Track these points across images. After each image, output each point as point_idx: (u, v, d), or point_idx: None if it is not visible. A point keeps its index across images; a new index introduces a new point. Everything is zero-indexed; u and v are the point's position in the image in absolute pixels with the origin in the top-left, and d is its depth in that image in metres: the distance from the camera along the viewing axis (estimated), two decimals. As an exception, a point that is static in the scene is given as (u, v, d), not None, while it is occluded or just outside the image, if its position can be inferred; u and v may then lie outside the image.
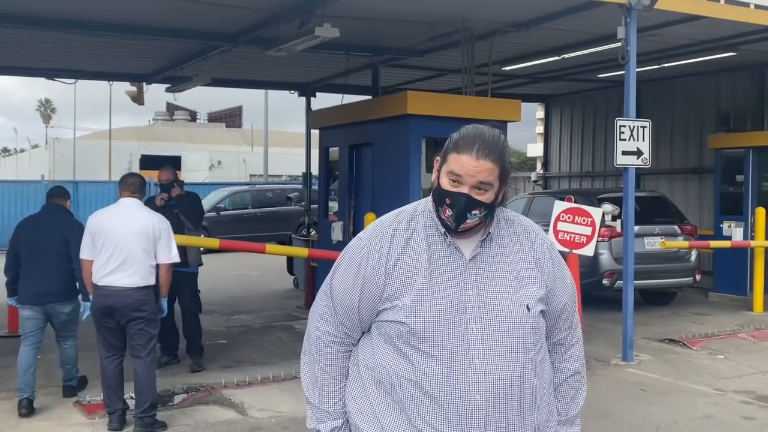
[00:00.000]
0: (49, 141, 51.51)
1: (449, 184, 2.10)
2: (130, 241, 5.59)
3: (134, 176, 6.05)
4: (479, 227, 2.17)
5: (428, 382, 2.07)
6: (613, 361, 8.02)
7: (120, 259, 5.58)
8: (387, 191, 8.89)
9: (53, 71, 12.71)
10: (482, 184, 2.08)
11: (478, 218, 2.11)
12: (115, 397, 5.76)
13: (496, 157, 2.08)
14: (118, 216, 5.73)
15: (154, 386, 5.77)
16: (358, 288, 2.17)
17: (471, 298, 2.10)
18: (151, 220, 5.76)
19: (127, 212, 5.74)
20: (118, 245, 5.58)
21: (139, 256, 5.61)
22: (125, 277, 5.58)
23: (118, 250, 5.58)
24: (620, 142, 8.02)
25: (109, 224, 5.66)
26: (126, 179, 5.97)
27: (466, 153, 2.07)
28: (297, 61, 11.56)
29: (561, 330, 2.28)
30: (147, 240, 5.64)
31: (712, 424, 6.03)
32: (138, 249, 5.60)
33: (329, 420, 2.24)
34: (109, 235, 5.60)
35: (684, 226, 11.33)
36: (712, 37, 10.55)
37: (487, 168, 2.07)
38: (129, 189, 5.86)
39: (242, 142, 54.21)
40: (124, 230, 5.62)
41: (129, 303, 5.59)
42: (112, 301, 5.59)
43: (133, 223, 5.66)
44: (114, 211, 5.84)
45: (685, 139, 14.39)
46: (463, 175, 2.07)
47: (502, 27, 9.66)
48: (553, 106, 17.69)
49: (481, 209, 2.09)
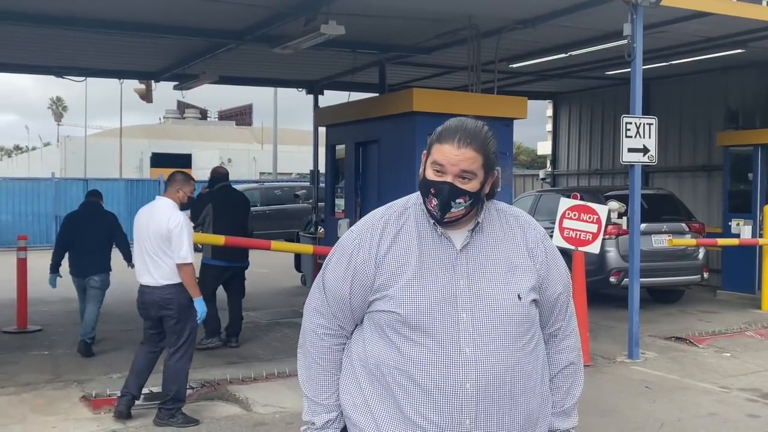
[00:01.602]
0: (61, 139, 51.78)
1: (433, 174, 2.13)
2: (149, 239, 5.73)
3: (174, 174, 6.17)
4: (468, 218, 2.18)
5: (418, 371, 2.08)
6: (618, 359, 8.01)
7: (144, 258, 5.77)
8: (393, 188, 8.89)
9: (63, 69, 12.78)
10: (465, 172, 2.10)
11: (464, 207, 2.12)
12: (131, 381, 5.87)
13: (478, 146, 2.11)
14: (146, 215, 5.89)
15: (177, 381, 5.78)
16: (349, 279, 2.20)
17: (462, 288, 2.11)
18: (164, 218, 5.75)
19: (153, 211, 5.88)
20: (143, 244, 5.77)
21: (157, 255, 5.72)
22: (148, 274, 5.76)
23: (144, 250, 5.76)
24: (626, 139, 8.01)
25: (138, 223, 5.89)
26: (168, 178, 6.15)
27: (447, 142, 2.11)
28: (304, 58, 11.59)
29: (556, 320, 2.28)
30: (162, 239, 5.72)
31: (717, 421, 6.02)
32: (155, 247, 5.71)
33: (323, 413, 2.26)
34: (138, 234, 5.84)
35: (692, 224, 11.30)
36: (720, 34, 10.50)
37: (469, 156, 2.09)
38: (168, 186, 6.07)
39: (252, 140, 54.35)
40: (146, 229, 5.78)
41: (155, 300, 5.75)
42: (144, 298, 5.84)
43: (152, 221, 5.78)
44: (144, 210, 6.00)
45: (693, 136, 14.33)
46: (446, 164, 2.10)
47: (508, 24, 9.65)
48: (561, 103, 17.64)
49: (465, 198, 2.11)
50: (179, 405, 5.82)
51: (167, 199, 5.95)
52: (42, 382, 6.93)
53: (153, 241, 5.72)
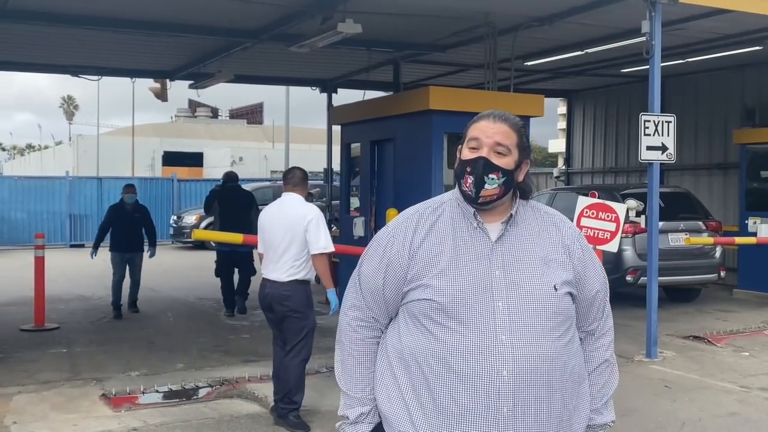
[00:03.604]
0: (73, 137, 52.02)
1: (469, 153, 2.20)
2: (279, 236, 5.71)
3: (294, 170, 6.05)
4: (503, 208, 2.21)
5: (455, 357, 2.09)
6: (636, 358, 7.96)
7: (272, 254, 5.76)
8: (409, 187, 8.89)
9: (78, 68, 12.85)
10: (499, 146, 2.17)
11: (497, 185, 2.15)
12: (277, 387, 5.81)
13: (512, 124, 2.20)
14: (275, 212, 5.86)
15: (292, 380, 5.70)
16: (382, 270, 2.23)
17: (497, 278, 2.13)
18: (300, 212, 5.74)
19: (283, 208, 5.85)
20: (272, 241, 5.76)
21: (286, 251, 5.70)
22: (275, 270, 5.74)
23: (273, 246, 5.75)
24: (644, 137, 7.95)
25: (269, 221, 5.84)
26: (287, 174, 6.07)
27: (483, 120, 2.21)
28: (319, 57, 11.59)
29: (594, 318, 2.31)
30: (295, 233, 5.68)
31: (738, 421, 5.98)
32: (284, 244, 5.69)
33: (357, 406, 2.27)
34: (268, 231, 5.81)
35: (708, 222, 11.23)
36: (738, 31, 10.43)
37: (503, 130, 2.18)
38: (290, 183, 5.93)
39: (263, 138, 54.38)
40: (277, 226, 5.76)
41: (275, 297, 5.73)
42: (268, 293, 5.77)
43: (285, 217, 5.75)
44: (273, 208, 5.93)
45: (709, 134, 14.25)
46: (481, 137, 2.18)
47: (524, 22, 9.61)
48: (575, 101, 17.57)
49: (498, 174, 2.15)
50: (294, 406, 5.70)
51: (293, 195, 5.89)
52: (61, 380, 6.95)
53: (280, 238, 5.70)
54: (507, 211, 2.22)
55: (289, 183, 5.91)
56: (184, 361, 7.77)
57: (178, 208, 23.33)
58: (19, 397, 6.40)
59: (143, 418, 5.90)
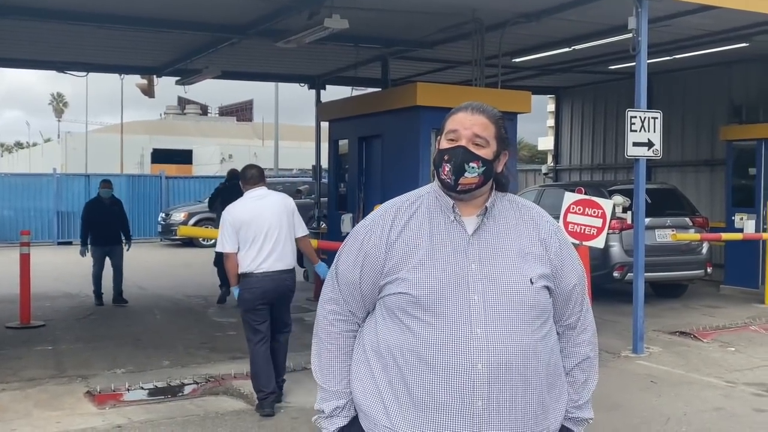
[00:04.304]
0: (62, 135, 51.74)
1: (447, 143, 2.19)
2: (274, 228, 5.90)
3: (253, 168, 6.27)
4: (481, 197, 2.21)
5: (430, 351, 2.08)
6: (623, 353, 7.99)
7: (267, 246, 5.86)
8: (396, 183, 8.88)
9: (64, 64, 12.77)
10: (478, 137, 2.17)
11: (477, 174, 2.15)
12: (267, 381, 5.90)
13: (489, 115, 2.20)
14: (257, 207, 5.96)
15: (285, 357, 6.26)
16: (359, 264, 2.22)
17: (473, 271, 2.12)
18: (282, 201, 6.10)
19: (264, 201, 6.02)
20: (264, 234, 5.86)
21: (285, 240, 5.96)
22: (279, 260, 5.90)
23: (267, 239, 5.86)
24: (631, 133, 7.97)
25: (250, 216, 5.89)
26: (246, 172, 6.22)
27: (461, 112, 2.21)
28: (307, 53, 11.57)
29: (572, 313, 2.29)
30: (286, 222, 5.98)
31: (723, 416, 6.00)
32: (283, 233, 5.95)
33: (333, 399, 2.27)
34: (256, 226, 5.86)
35: (695, 219, 11.27)
36: (725, 28, 10.47)
37: (481, 122, 2.18)
38: (252, 179, 6.14)
39: (253, 135, 54.23)
40: (266, 218, 5.90)
41: (285, 286, 5.99)
42: (273, 285, 5.90)
43: (273, 209, 5.98)
44: (250, 203, 6.02)
45: (696, 131, 14.31)
46: (459, 129, 2.17)
47: (512, 18, 9.62)
48: (563, 98, 17.61)
49: (478, 163, 2.15)
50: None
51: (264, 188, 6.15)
52: (46, 378, 6.91)
53: (277, 227, 5.91)
54: (484, 203, 2.21)
55: (252, 179, 6.13)
56: (170, 358, 7.74)
57: (167, 206, 23.25)
58: (2, 395, 6.36)
59: (128, 415, 5.87)
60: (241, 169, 6.51)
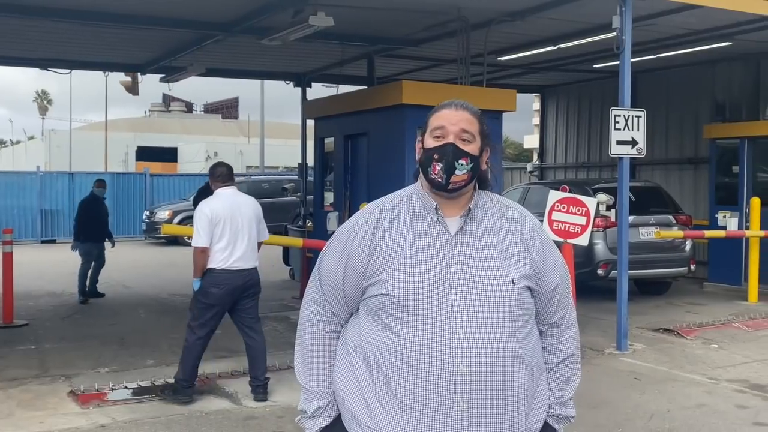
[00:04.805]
0: (46, 132, 51.33)
1: (434, 141, 2.19)
2: (246, 226, 6.09)
3: (223, 166, 6.36)
4: (465, 195, 2.21)
5: (412, 352, 2.09)
6: (607, 351, 8.03)
7: (239, 244, 6.03)
8: (382, 181, 8.87)
9: (47, 61, 12.67)
10: (465, 132, 2.18)
11: (467, 171, 2.16)
12: (193, 373, 6.15)
13: (473, 112, 2.23)
14: (232, 204, 6.10)
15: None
16: (342, 265, 2.22)
17: (456, 272, 2.13)
18: (252, 203, 6.32)
19: (236, 199, 6.19)
20: (242, 231, 6.05)
21: (252, 239, 6.15)
22: (247, 259, 6.11)
23: (240, 236, 6.04)
24: (615, 131, 8.02)
25: (225, 213, 6.01)
26: (216, 171, 6.29)
27: (445, 108, 2.22)
28: (292, 50, 11.53)
29: (556, 311, 2.29)
30: (255, 222, 6.19)
31: (706, 412, 6.05)
32: (253, 233, 6.16)
33: (315, 399, 2.27)
34: (232, 223, 6.01)
35: (679, 216, 11.34)
36: (708, 27, 10.53)
37: (467, 118, 2.20)
38: (222, 178, 6.23)
39: (238, 133, 54.05)
40: (239, 216, 6.06)
41: (251, 283, 6.18)
42: (242, 282, 6.09)
43: (246, 207, 6.18)
44: (223, 201, 6.11)
45: (680, 129, 14.39)
46: (446, 125, 2.18)
47: (497, 16, 9.64)
48: (548, 96, 17.67)
49: (467, 159, 2.16)
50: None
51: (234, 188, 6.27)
52: (29, 377, 6.87)
53: (248, 227, 6.09)
54: (467, 204, 2.22)
55: (222, 177, 6.21)
56: (155, 357, 7.71)
57: (151, 204, 23.13)
58: (-16, 395, 6.31)
59: (112, 415, 5.84)
60: (210, 167, 6.55)
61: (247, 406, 6.11)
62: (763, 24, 10.11)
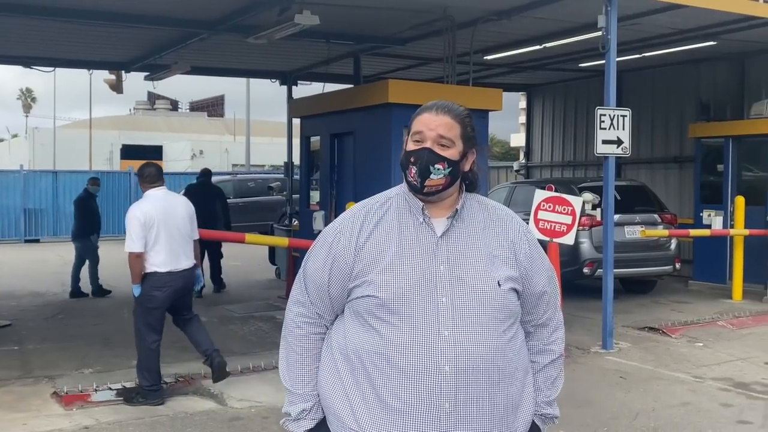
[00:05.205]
0: (29, 130, 50.91)
1: (413, 145, 2.18)
2: (184, 227, 6.16)
3: (152, 166, 6.31)
4: (449, 201, 2.20)
5: (397, 354, 2.08)
6: (593, 349, 8.05)
7: (176, 246, 6.05)
8: (368, 180, 8.85)
9: (31, 59, 12.56)
10: (443, 138, 2.15)
11: (443, 176, 2.14)
12: (158, 376, 6.17)
13: (455, 115, 2.19)
14: (168, 206, 6.11)
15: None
16: (328, 266, 2.21)
17: (441, 273, 2.12)
18: (186, 202, 6.37)
19: (171, 200, 6.22)
20: (179, 232, 6.09)
21: (189, 240, 6.21)
22: (186, 259, 6.15)
23: (178, 238, 6.08)
24: (600, 131, 8.03)
25: (163, 216, 6.00)
26: (143, 171, 6.25)
27: (426, 112, 2.20)
28: (278, 49, 11.49)
29: (543, 312, 2.29)
30: (191, 220, 6.26)
31: (690, 411, 6.07)
32: (189, 233, 6.22)
33: (299, 402, 2.25)
34: (167, 225, 6.01)
35: (664, 215, 11.39)
36: (693, 27, 10.58)
37: (446, 122, 2.17)
38: (151, 178, 6.19)
39: (224, 131, 53.85)
40: (176, 218, 6.10)
41: (191, 281, 6.27)
42: (183, 282, 6.14)
43: (182, 209, 6.22)
44: (158, 203, 6.08)
45: (665, 128, 14.46)
46: (424, 129, 2.16)
47: (483, 15, 9.63)
48: (534, 95, 17.70)
49: (444, 164, 2.14)
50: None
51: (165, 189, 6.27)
52: (11, 379, 6.80)
53: (184, 227, 6.16)
54: (454, 205, 2.21)
55: (150, 177, 6.19)
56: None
57: (136, 202, 22.96)
58: (-34, 397, 6.24)
59: (96, 416, 5.79)
60: (138, 167, 6.51)
61: (232, 406, 6.08)
62: (747, 24, 10.17)
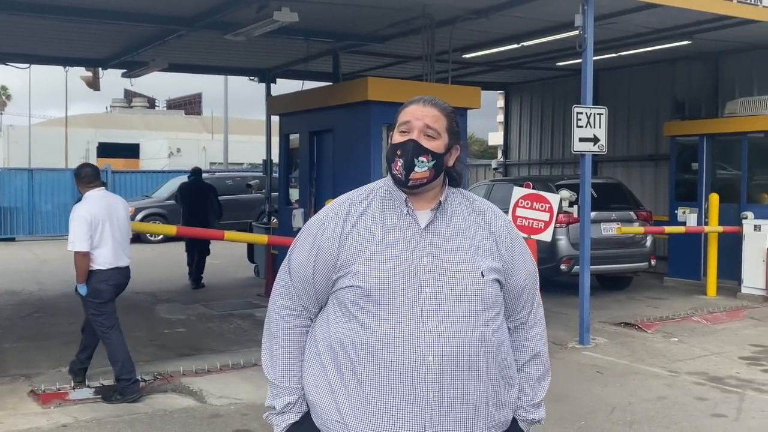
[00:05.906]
0: (4, 128, 50.24)
1: (399, 137, 2.22)
2: (125, 227, 6.34)
3: (88, 167, 6.47)
4: (433, 193, 2.23)
5: (381, 344, 2.09)
6: (570, 345, 8.14)
7: (118, 244, 6.21)
8: (348, 178, 8.86)
9: (6, 55, 12.42)
10: (429, 129, 2.19)
11: (427, 168, 2.17)
12: (133, 367, 6.21)
13: (441, 108, 2.24)
14: (109, 206, 6.23)
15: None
16: (312, 257, 2.21)
17: (425, 264, 2.14)
18: (124, 202, 6.51)
19: (111, 200, 6.34)
20: (120, 231, 6.24)
21: (128, 237, 6.42)
22: (126, 257, 6.34)
23: (121, 236, 6.25)
24: (577, 128, 8.11)
25: (107, 215, 6.14)
26: (80, 172, 6.36)
27: (413, 104, 2.25)
28: (256, 46, 11.45)
29: (524, 307, 2.30)
30: (127, 221, 6.44)
31: (666, 405, 6.16)
32: (127, 230, 6.41)
33: (284, 395, 2.24)
34: (111, 224, 6.15)
35: (640, 212, 11.52)
36: (668, 26, 10.71)
37: (433, 114, 2.21)
38: (88, 179, 6.30)
39: (202, 129, 53.52)
40: (117, 218, 6.24)
41: (128, 279, 6.41)
42: (124, 279, 6.33)
43: (123, 209, 6.41)
44: (102, 202, 6.21)
45: (641, 126, 14.61)
46: (411, 120, 2.21)
47: (462, 14, 9.68)
48: (512, 94, 17.80)
49: (428, 157, 2.17)
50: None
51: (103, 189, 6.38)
52: (-13, 377, 6.74)
53: (126, 226, 6.35)
54: (437, 197, 2.23)
55: (87, 178, 6.30)
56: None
57: (113, 201, 22.75)
58: (-59, 396, 6.18)
59: (74, 414, 5.76)
60: (75, 168, 6.62)
61: (212, 404, 6.07)
62: (721, 23, 10.31)
